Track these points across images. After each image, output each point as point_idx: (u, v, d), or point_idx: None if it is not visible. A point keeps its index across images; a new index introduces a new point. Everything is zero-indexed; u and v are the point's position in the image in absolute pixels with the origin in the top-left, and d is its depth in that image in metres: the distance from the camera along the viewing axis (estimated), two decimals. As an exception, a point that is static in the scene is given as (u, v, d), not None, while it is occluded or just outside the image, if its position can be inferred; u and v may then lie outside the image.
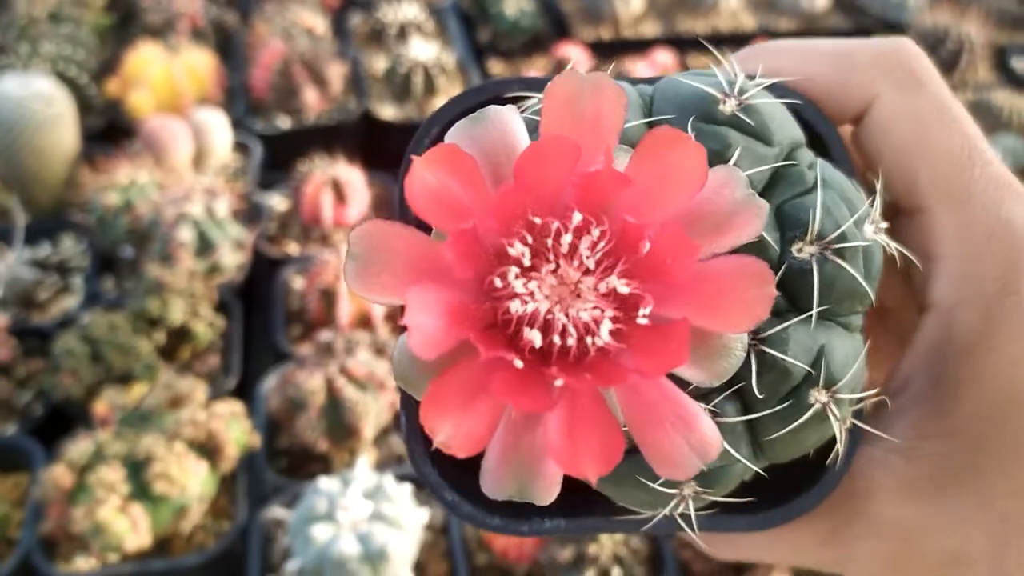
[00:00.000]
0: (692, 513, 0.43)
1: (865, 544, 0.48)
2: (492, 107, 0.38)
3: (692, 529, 0.44)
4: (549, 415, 0.34)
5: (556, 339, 0.34)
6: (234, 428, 1.58)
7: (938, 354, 0.48)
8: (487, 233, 0.34)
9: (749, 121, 0.42)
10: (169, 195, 2.02)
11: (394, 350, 0.39)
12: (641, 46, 3.00)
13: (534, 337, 0.34)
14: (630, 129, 0.42)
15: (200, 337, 1.86)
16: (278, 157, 2.46)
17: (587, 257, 0.35)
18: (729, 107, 0.42)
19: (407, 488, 1.55)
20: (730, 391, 0.42)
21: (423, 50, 2.71)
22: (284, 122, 2.59)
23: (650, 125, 0.43)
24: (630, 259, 0.35)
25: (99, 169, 2.14)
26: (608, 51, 2.97)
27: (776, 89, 0.46)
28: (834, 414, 0.42)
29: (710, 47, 0.49)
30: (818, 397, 0.41)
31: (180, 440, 1.51)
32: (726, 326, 0.35)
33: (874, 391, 0.46)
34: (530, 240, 0.34)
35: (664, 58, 2.90)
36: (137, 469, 1.48)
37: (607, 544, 1.52)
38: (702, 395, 0.40)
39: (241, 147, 2.47)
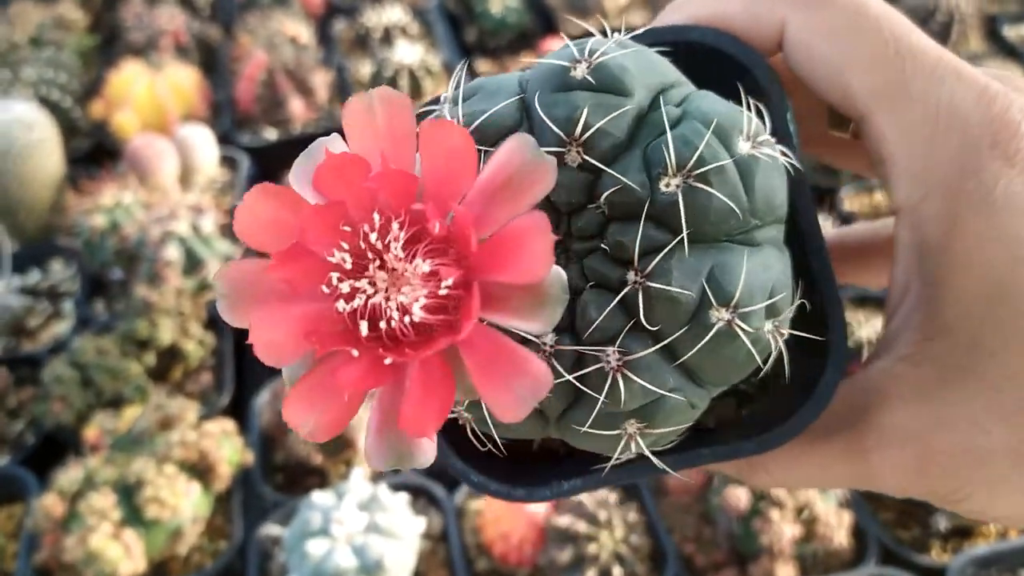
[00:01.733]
0: (643, 449, 0.46)
1: (882, 455, 0.48)
2: (316, 141, 0.42)
3: (668, 468, 0.48)
4: (396, 390, 0.38)
5: (382, 324, 0.38)
6: (226, 447, 1.56)
7: (920, 254, 0.47)
8: (315, 248, 0.39)
9: (598, 80, 0.44)
10: (155, 214, 2.01)
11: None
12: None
13: (362, 327, 0.38)
14: (505, 111, 0.46)
15: (191, 356, 1.84)
16: (266, 169, 2.45)
17: (395, 248, 0.38)
18: (580, 72, 0.44)
19: (403, 497, 1.53)
20: (631, 329, 0.44)
21: (408, 53, 2.69)
22: (271, 134, 2.57)
23: (523, 105, 0.47)
24: (433, 241, 0.38)
25: (85, 192, 2.13)
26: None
27: (669, 33, 0.49)
28: (742, 328, 0.43)
29: (583, 24, 0.51)
30: (719, 315, 0.43)
31: (171, 462, 1.50)
32: (527, 276, 0.37)
33: (797, 301, 0.46)
34: (346, 246, 0.39)
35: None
36: (129, 494, 1.47)
37: (607, 543, 1.50)
38: (609, 339, 0.43)
39: (229, 161, 2.46)
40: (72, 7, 2.86)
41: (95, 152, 2.49)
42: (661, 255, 0.43)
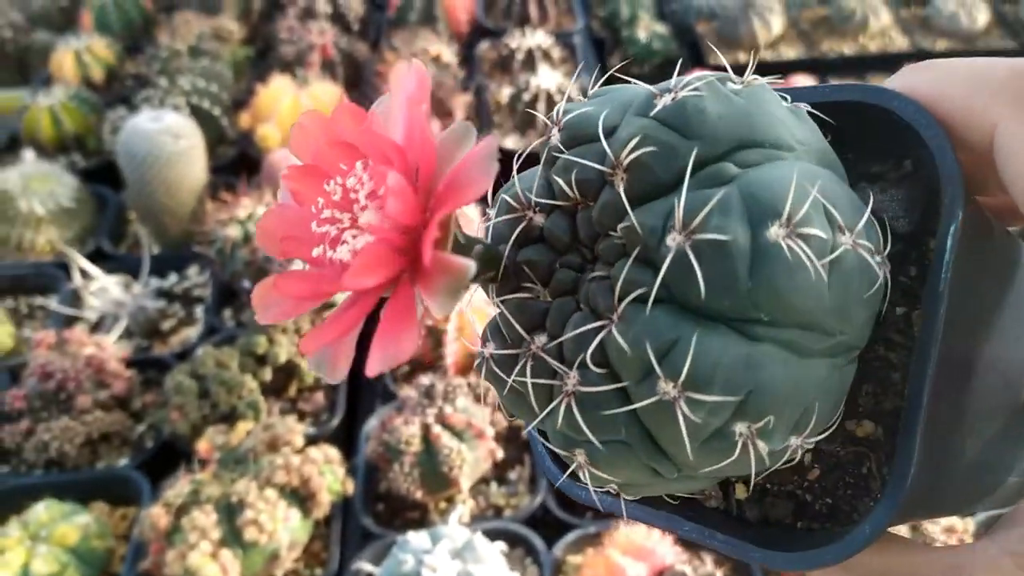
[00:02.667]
0: (587, 482, 0.47)
1: None
2: (383, 96, 0.46)
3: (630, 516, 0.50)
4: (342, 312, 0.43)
5: (329, 253, 0.42)
6: (327, 474, 1.56)
7: None
8: (325, 173, 0.43)
9: (668, 115, 0.43)
10: (285, 229, 2.04)
11: None
12: (779, 70, 2.84)
13: (316, 250, 0.42)
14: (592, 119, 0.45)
15: (305, 374, 1.86)
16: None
17: (360, 195, 0.42)
18: (661, 103, 0.43)
19: (499, 546, 1.48)
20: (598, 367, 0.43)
21: (548, 78, 2.65)
22: (406, 152, 2.58)
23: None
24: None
25: (223, 201, 2.19)
26: (742, 76, 2.83)
27: (842, 92, 0.48)
28: (683, 411, 0.40)
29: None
30: (664, 388, 0.40)
31: (272, 486, 1.50)
32: (423, 258, 0.39)
33: (811, 422, 0.42)
34: (340, 181, 0.42)
35: (803, 83, 2.73)
36: (230, 513, 1.48)
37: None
38: (572, 361, 0.43)
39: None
40: (230, 19, 2.97)
41: (240, 160, 2.57)
42: (627, 302, 0.41)
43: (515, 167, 0.49)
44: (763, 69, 0.46)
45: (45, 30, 3.15)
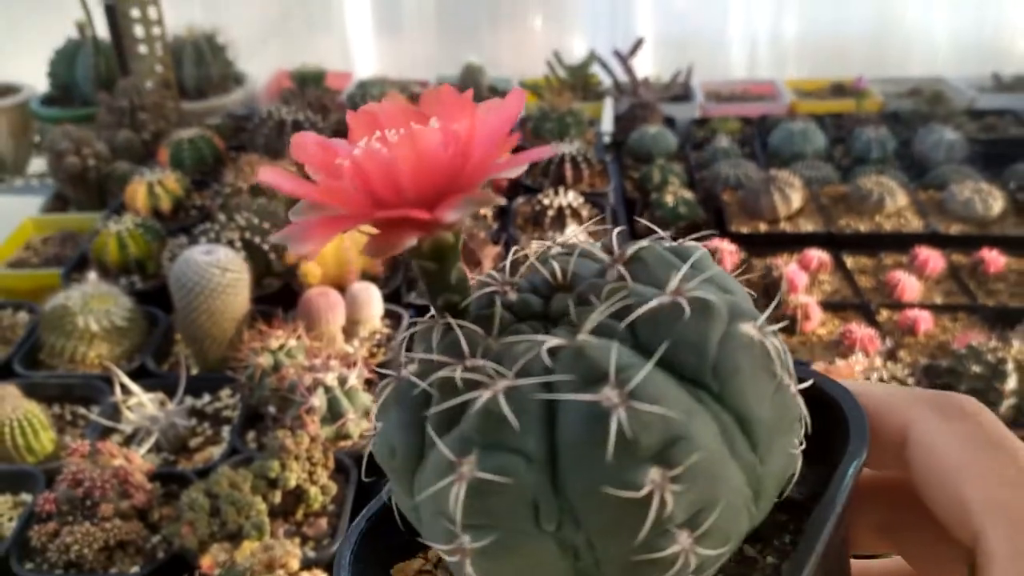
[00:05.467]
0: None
1: None
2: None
3: None
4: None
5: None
6: (316, 598, 1.66)
7: None
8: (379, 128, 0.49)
9: (631, 270, 0.46)
10: (312, 362, 2.21)
11: None
12: (795, 242, 3.00)
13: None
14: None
15: (312, 500, 1.98)
16: (425, 328, 2.63)
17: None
18: (612, 259, 0.47)
19: None
20: None
21: (574, 235, 2.84)
22: (436, 296, 2.77)
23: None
24: None
25: (260, 330, 2.38)
26: (761, 245, 2.99)
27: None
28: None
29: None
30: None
31: (263, 604, 1.62)
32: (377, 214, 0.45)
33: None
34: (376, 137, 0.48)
35: (817, 255, 2.88)
36: (222, 627, 1.59)
37: None
38: None
39: (393, 316, 2.66)
40: (291, 163, 3.25)
41: (282, 291, 2.78)
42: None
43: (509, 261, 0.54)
44: (780, 240, 0.51)
45: (127, 160, 3.48)
